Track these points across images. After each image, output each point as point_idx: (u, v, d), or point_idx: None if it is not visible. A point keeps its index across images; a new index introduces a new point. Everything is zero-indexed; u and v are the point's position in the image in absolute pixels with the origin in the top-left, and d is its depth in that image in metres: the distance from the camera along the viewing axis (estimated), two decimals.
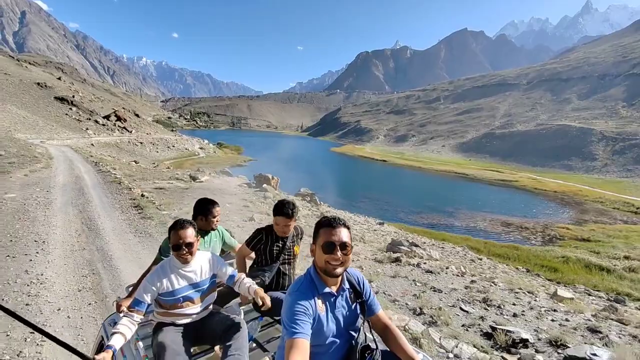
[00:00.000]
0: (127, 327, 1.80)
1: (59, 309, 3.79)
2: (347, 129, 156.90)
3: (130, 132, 48.67)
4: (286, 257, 2.56)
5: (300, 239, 2.73)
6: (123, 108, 63.30)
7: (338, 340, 1.51)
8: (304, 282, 1.51)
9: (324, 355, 1.48)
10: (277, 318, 2.37)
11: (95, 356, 1.52)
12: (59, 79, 71.36)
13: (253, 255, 2.60)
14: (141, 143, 44.53)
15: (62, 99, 50.20)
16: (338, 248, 1.45)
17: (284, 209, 2.41)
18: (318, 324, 1.45)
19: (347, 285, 1.59)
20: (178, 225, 2.02)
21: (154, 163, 19.82)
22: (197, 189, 10.99)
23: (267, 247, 2.50)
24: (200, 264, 2.11)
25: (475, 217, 26.55)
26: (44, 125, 40.11)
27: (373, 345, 1.52)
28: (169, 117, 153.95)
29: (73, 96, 54.00)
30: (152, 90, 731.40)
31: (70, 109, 48.95)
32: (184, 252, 1.99)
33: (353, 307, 1.58)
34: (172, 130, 60.61)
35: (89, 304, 3.94)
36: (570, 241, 21.69)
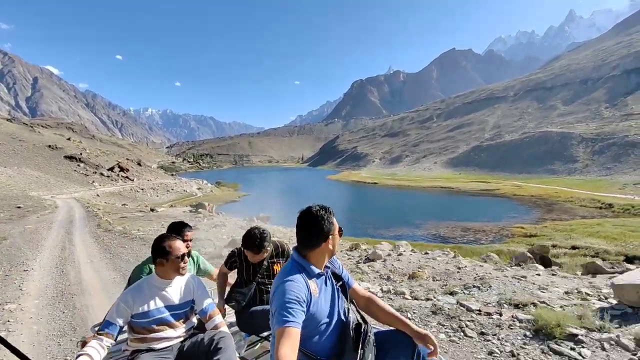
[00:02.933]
0: (95, 350, 1.64)
1: (50, 248, 9.08)
2: (344, 156, 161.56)
3: (133, 180, 53.03)
4: (265, 275, 2.49)
5: (283, 256, 2.58)
6: (127, 159, 68.55)
7: (331, 321, 1.53)
8: (292, 268, 1.50)
9: (321, 337, 1.50)
10: (262, 335, 2.31)
11: None
12: (69, 139, 77.90)
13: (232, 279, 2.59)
14: (142, 189, 48.54)
15: (70, 157, 55.38)
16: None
17: (249, 243, 2.35)
18: (314, 307, 1.45)
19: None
20: (171, 237, 1.98)
21: (138, 204, 23.33)
22: (150, 215, 14.52)
23: (242, 269, 2.47)
24: (180, 285, 1.99)
25: (439, 226, 28.92)
26: (55, 183, 44.57)
27: (364, 324, 1.55)
28: (173, 162, 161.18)
29: (81, 153, 59.35)
30: (158, 138, 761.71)
31: (78, 165, 53.89)
32: (186, 261, 1.97)
33: (336, 286, 1.63)
34: (172, 175, 65.40)
35: (57, 246, 9.37)
36: (518, 238, 23.87)
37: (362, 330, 1.51)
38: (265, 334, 2.34)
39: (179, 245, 1.94)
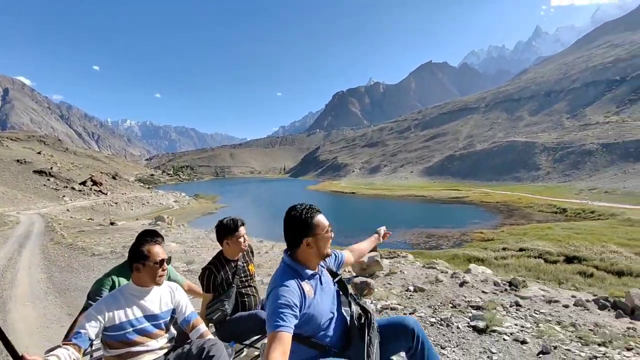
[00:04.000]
0: (63, 357, 1.43)
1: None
2: (325, 166, 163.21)
3: (106, 194, 52.15)
4: (242, 278, 2.47)
5: (253, 255, 2.67)
6: (101, 172, 67.21)
7: (333, 317, 1.60)
8: (284, 272, 1.54)
9: (327, 332, 1.55)
10: (246, 343, 2.30)
11: (25, 354, 1.25)
12: (39, 153, 75.62)
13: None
14: (116, 203, 47.83)
15: (40, 172, 53.93)
16: (331, 230, 1.62)
17: (231, 226, 2.38)
18: (311, 309, 1.48)
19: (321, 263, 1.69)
20: (150, 241, 1.83)
21: (104, 219, 23.41)
22: (108, 228, 15.00)
23: (222, 279, 2.38)
24: (160, 293, 1.85)
25: (406, 233, 30.29)
26: (22, 198, 43.34)
27: (366, 314, 1.60)
28: (152, 174, 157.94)
29: (51, 167, 57.85)
30: (137, 150, 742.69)
31: (48, 179, 52.51)
32: (165, 268, 1.83)
33: (332, 282, 1.69)
34: (148, 188, 64.46)
35: (6, 257, 10.09)
36: (476, 242, 25.44)
37: (366, 319, 1.59)
38: (248, 341, 2.31)
39: (157, 251, 1.81)
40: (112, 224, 16.31)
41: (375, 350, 1.52)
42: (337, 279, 1.72)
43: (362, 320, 1.59)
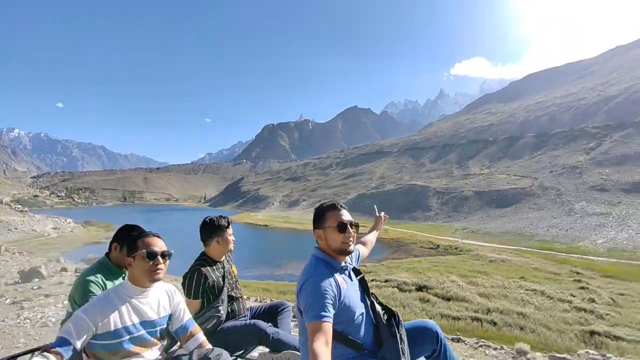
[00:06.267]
0: None
1: None
2: (246, 197, 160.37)
3: None
4: (230, 280, 2.32)
5: (230, 256, 2.50)
6: None
7: (362, 312, 1.54)
8: (317, 264, 1.52)
9: (359, 331, 1.50)
10: (237, 354, 2.15)
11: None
12: None
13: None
14: None
15: None
16: (349, 226, 1.57)
17: (220, 224, 2.21)
18: (345, 300, 1.45)
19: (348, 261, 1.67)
20: (145, 233, 1.63)
21: None
22: None
23: (211, 281, 2.17)
24: (158, 296, 1.65)
25: (299, 265, 31.70)
26: None
27: (391, 314, 1.60)
28: (36, 195, 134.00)
29: None
30: (23, 165, 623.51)
31: None
32: (159, 263, 1.56)
33: (357, 279, 1.67)
34: (22, 211, 54.56)
35: None
36: None
37: (395, 318, 1.61)
38: (238, 353, 2.16)
39: (153, 242, 1.58)
40: None
41: (407, 348, 1.55)
42: (360, 276, 1.71)
43: (390, 319, 1.63)
